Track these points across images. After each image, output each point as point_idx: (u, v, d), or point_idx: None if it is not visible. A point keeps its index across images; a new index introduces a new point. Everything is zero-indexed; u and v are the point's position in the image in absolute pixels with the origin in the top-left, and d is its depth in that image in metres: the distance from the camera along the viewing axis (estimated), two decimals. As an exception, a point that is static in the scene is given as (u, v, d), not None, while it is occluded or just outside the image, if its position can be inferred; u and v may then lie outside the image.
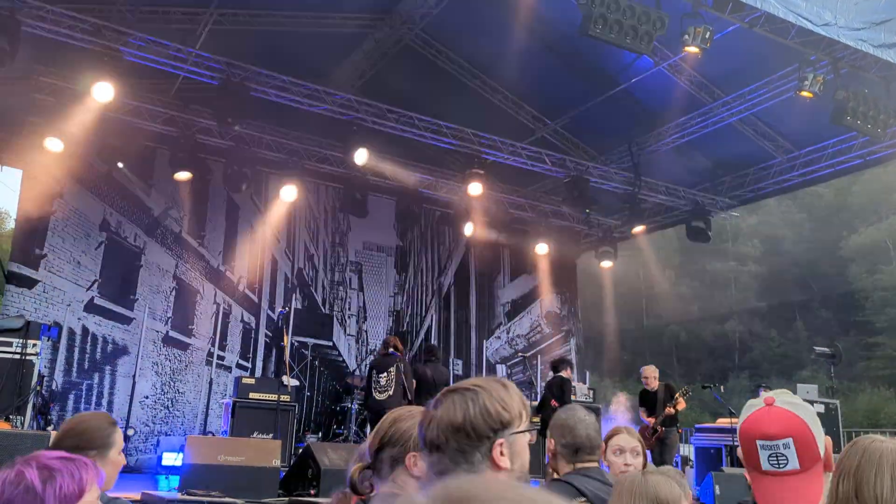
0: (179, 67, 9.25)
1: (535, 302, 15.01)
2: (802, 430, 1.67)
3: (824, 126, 9.38)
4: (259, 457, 6.15)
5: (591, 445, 2.79)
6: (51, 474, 1.75)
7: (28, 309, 10.08)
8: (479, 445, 1.61)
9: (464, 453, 1.61)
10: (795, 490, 1.67)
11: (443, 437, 1.62)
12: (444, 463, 1.63)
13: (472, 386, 1.68)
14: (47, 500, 1.72)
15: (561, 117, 11.99)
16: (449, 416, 1.63)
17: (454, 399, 1.66)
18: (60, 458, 1.82)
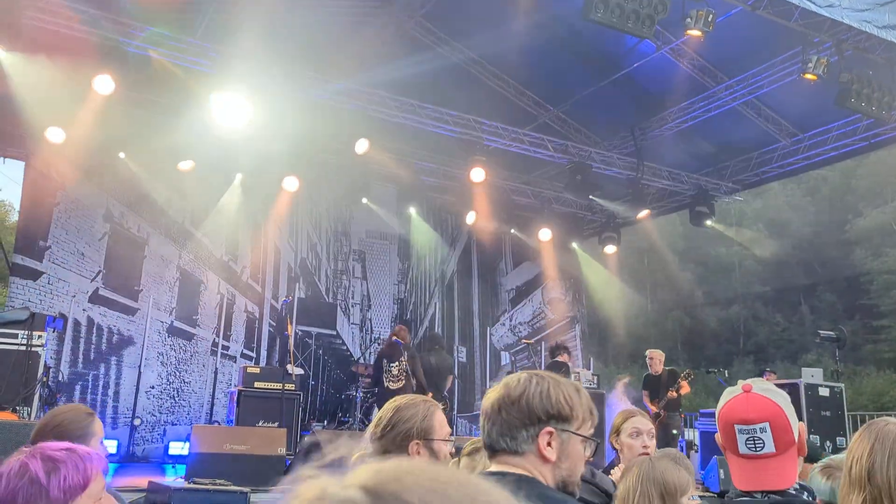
0: (179, 58, 9.22)
1: (539, 288, 15.01)
2: (779, 415, 1.73)
3: (829, 109, 9.32)
4: (265, 445, 6.18)
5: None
6: (55, 465, 1.75)
7: (33, 301, 10.12)
8: (529, 425, 1.60)
9: (511, 427, 1.61)
10: (772, 471, 1.73)
11: (496, 407, 1.63)
12: (492, 436, 1.64)
13: (546, 374, 1.69)
14: (52, 492, 1.72)
15: (563, 103, 11.93)
16: (509, 390, 1.64)
17: (521, 377, 1.67)
18: (65, 450, 1.82)
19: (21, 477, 1.74)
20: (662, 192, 13.38)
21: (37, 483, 1.73)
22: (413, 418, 2.16)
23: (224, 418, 10.80)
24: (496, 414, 1.63)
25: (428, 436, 2.15)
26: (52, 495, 1.73)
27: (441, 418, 2.27)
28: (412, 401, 2.25)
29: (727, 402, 1.82)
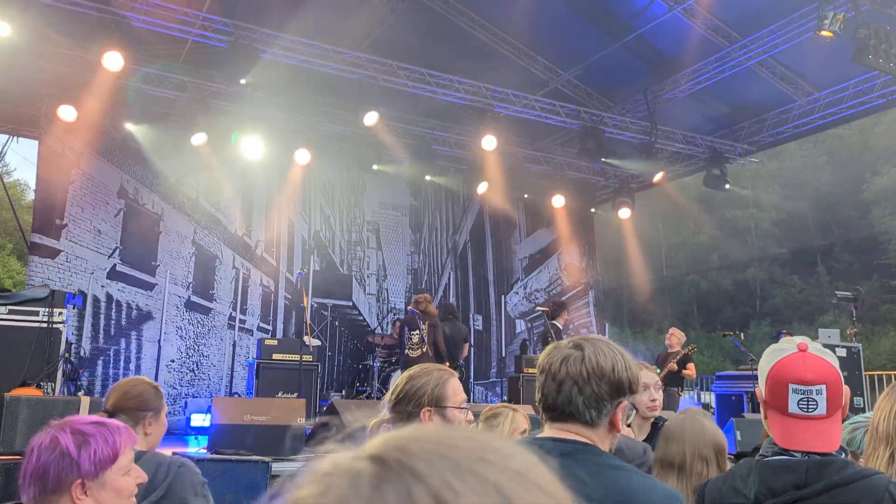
0: (188, 32, 9.18)
1: (554, 255, 14.99)
2: (835, 378, 1.74)
3: (845, 66, 9.15)
4: (284, 415, 6.25)
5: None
6: (85, 439, 1.79)
7: (52, 278, 10.24)
8: (614, 398, 1.64)
9: (599, 400, 1.63)
10: (820, 433, 1.72)
11: (586, 377, 1.63)
12: (573, 404, 1.64)
13: (614, 345, 1.70)
14: (83, 465, 1.77)
15: (574, 67, 11.78)
16: (598, 360, 1.64)
17: (599, 347, 1.66)
18: (94, 423, 1.86)
19: (52, 451, 1.77)
20: (676, 156, 13.24)
21: (68, 457, 1.76)
22: (425, 386, 2.19)
23: (244, 390, 10.95)
24: (586, 384, 1.63)
25: (440, 403, 2.16)
26: (83, 468, 1.77)
27: (455, 386, 2.26)
28: (426, 369, 2.27)
29: (780, 359, 1.77)
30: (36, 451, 1.79)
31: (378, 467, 0.48)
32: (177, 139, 11.29)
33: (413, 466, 0.47)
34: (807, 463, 1.68)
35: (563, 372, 1.64)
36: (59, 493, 1.76)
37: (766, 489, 1.69)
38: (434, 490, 0.46)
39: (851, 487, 1.59)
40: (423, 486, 0.46)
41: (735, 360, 20.44)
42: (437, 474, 0.47)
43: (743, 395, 10.22)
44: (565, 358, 1.65)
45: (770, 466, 1.74)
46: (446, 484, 0.46)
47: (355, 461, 0.49)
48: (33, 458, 1.78)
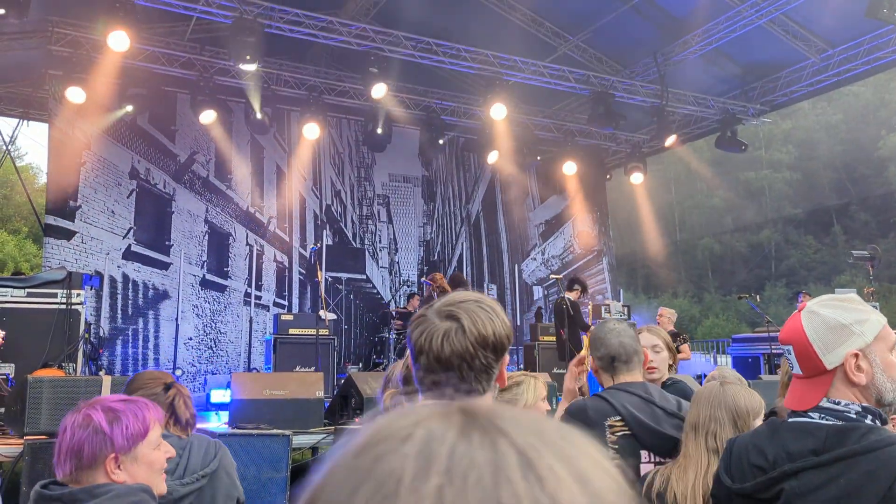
0: (191, 9, 9.12)
1: (567, 222, 14.95)
2: (801, 339, 1.70)
3: (859, 21, 8.98)
4: (303, 389, 6.31)
5: (626, 352, 2.70)
6: (116, 415, 1.87)
7: (68, 260, 10.34)
8: (497, 363, 1.58)
9: (488, 369, 1.57)
10: (795, 392, 1.73)
11: (472, 352, 1.55)
12: (470, 381, 1.58)
13: (484, 300, 1.60)
14: (116, 440, 1.83)
15: (582, 32, 11.62)
16: (482, 329, 1.55)
17: (474, 311, 1.56)
18: (123, 401, 1.93)
19: (86, 427, 1.84)
20: (688, 118, 13.10)
21: (101, 432, 1.83)
22: None
23: (262, 365, 11.07)
24: (474, 358, 1.55)
25: None
26: (116, 443, 1.84)
27: None
28: None
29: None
30: (70, 429, 1.85)
31: (467, 417, 0.49)
32: (185, 117, 11.29)
33: (501, 425, 0.48)
34: (827, 428, 1.64)
35: (446, 349, 1.51)
36: (94, 468, 1.82)
37: (785, 452, 1.67)
38: (520, 447, 0.46)
39: (871, 456, 1.55)
40: (509, 441, 0.47)
41: (751, 322, 20.40)
42: (523, 435, 0.48)
43: (759, 357, 10.22)
44: (446, 333, 1.52)
45: (791, 429, 1.71)
46: (532, 445, 0.47)
47: (446, 408, 0.50)
48: (67, 436, 1.84)
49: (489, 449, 0.46)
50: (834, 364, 1.66)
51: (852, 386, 1.66)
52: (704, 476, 2.32)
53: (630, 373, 2.71)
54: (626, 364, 2.70)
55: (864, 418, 1.64)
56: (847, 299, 1.75)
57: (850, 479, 1.55)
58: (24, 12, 7.88)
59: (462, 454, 0.45)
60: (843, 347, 1.66)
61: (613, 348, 2.71)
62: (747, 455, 1.77)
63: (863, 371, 1.65)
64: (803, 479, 1.62)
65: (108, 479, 1.83)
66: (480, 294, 1.64)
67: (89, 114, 10.57)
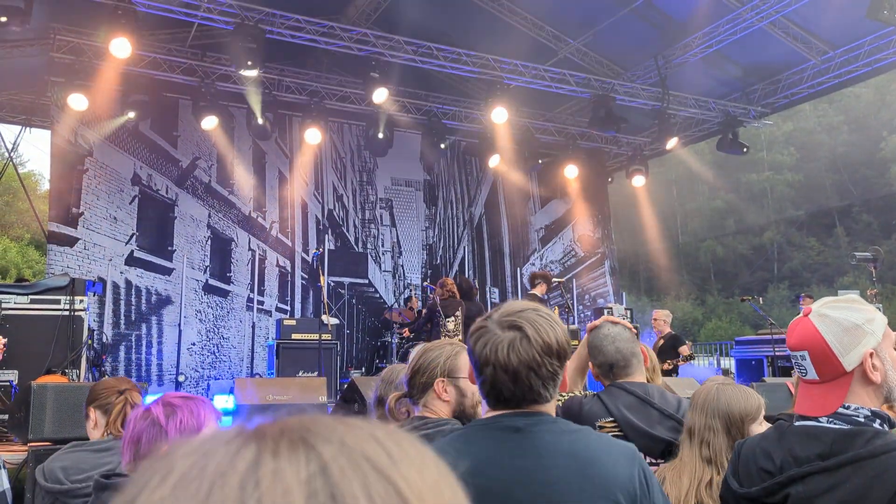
0: (193, 15, 9.15)
1: (568, 226, 14.95)
2: (818, 343, 1.68)
3: (860, 23, 8.98)
4: (306, 394, 6.31)
5: (623, 357, 2.70)
6: (173, 410, 1.99)
7: (71, 266, 10.35)
8: (561, 370, 1.61)
9: (554, 376, 1.59)
10: (812, 398, 1.71)
11: (538, 361, 1.58)
12: (539, 386, 1.59)
13: (542, 309, 1.63)
14: (169, 433, 1.95)
15: (583, 35, 11.63)
16: (543, 338, 1.58)
17: (537, 321, 1.60)
18: (182, 397, 2.07)
19: (145, 420, 1.98)
20: (689, 121, 13.10)
21: (157, 425, 1.96)
22: (438, 358, 2.22)
23: (265, 370, 11.07)
24: (540, 367, 1.58)
25: (453, 374, 2.19)
26: (170, 436, 1.95)
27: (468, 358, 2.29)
28: (439, 344, 2.31)
29: (790, 325, 1.79)
30: (132, 421, 2.01)
31: (239, 431, 0.48)
32: (187, 123, 11.32)
33: (265, 431, 0.48)
34: (834, 433, 1.63)
35: (514, 360, 1.53)
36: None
37: (792, 457, 1.66)
38: (258, 451, 0.46)
39: (877, 461, 1.54)
40: (254, 446, 0.46)
41: (754, 324, 20.36)
42: (274, 439, 0.47)
43: (763, 360, 10.20)
44: (511, 343, 1.54)
45: (798, 433, 1.71)
46: (274, 448, 0.46)
47: (234, 434, 0.49)
48: (130, 427, 2.00)
49: (230, 455, 0.46)
50: (853, 365, 1.66)
51: (868, 385, 1.66)
52: (698, 486, 2.32)
53: (630, 376, 2.70)
54: (625, 368, 2.71)
55: (873, 422, 1.64)
56: (850, 300, 1.75)
57: (857, 484, 1.55)
58: (27, 20, 7.91)
59: (199, 463, 0.46)
60: (859, 347, 1.66)
61: (610, 355, 2.71)
62: (755, 459, 1.76)
63: (877, 370, 1.66)
64: (810, 484, 1.61)
65: None
66: (534, 303, 1.67)
67: (91, 120, 10.60)
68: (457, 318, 8.54)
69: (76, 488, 2.60)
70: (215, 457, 0.46)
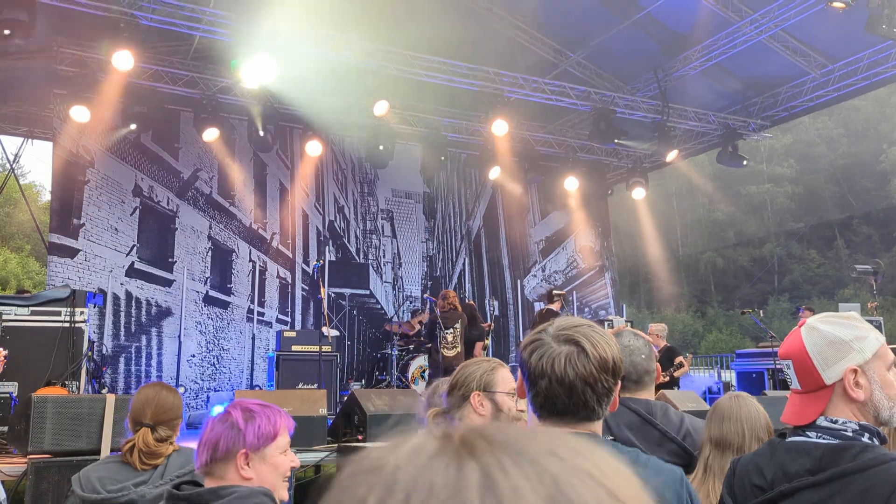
0: (195, 28, 9.20)
1: (569, 238, 14.96)
2: (798, 352, 1.72)
3: (859, 37, 9.02)
4: (305, 406, 6.30)
5: (637, 373, 2.64)
6: (251, 415, 2.06)
7: (72, 278, 10.35)
8: (615, 387, 1.58)
9: (609, 392, 1.56)
10: (793, 406, 1.75)
11: (595, 376, 1.55)
12: (593, 402, 1.57)
13: (595, 326, 1.62)
14: (248, 437, 2.02)
15: (583, 48, 11.69)
16: (600, 354, 1.56)
17: (594, 337, 1.58)
18: (259, 404, 2.14)
19: (224, 422, 2.04)
20: (689, 134, 13.14)
21: (236, 428, 2.02)
22: (475, 373, 2.29)
23: (264, 382, 11.05)
24: (597, 382, 1.56)
25: (489, 388, 2.25)
26: (248, 440, 2.01)
27: (505, 375, 2.34)
28: (478, 360, 2.42)
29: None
30: (211, 423, 2.07)
31: (442, 442, 0.51)
32: (188, 135, 11.35)
33: (473, 445, 0.50)
34: (823, 447, 1.64)
35: (570, 373, 1.51)
36: (227, 461, 2.01)
37: (782, 472, 1.68)
38: (485, 468, 0.47)
39: (866, 475, 1.55)
40: (477, 463, 0.48)
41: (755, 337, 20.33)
42: (494, 455, 0.48)
43: (763, 372, 10.19)
44: (568, 357, 1.52)
45: (788, 448, 1.72)
46: (501, 465, 0.48)
47: (425, 436, 0.52)
48: (208, 429, 2.05)
49: (453, 472, 0.47)
50: (833, 379, 1.67)
51: (851, 402, 1.67)
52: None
53: (639, 392, 2.67)
54: (636, 384, 2.65)
55: (861, 436, 1.65)
56: (848, 316, 1.76)
57: (846, 498, 1.55)
58: (31, 32, 7.95)
59: (423, 482, 0.47)
60: (842, 363, 1.67)
61: (624, 368, 2.66)
62: (748, 475, 1.78)
63: (861, 387, 1.66)
64: (799, 499, 1.63)
65: (237, 473, 2.00)
66: (586, 320, 1.66)
67: (93, 132, 10.63)
68: (456, 331, 8.54)
69: (111, 497, 2.65)
70: (435, 472, 0.48)
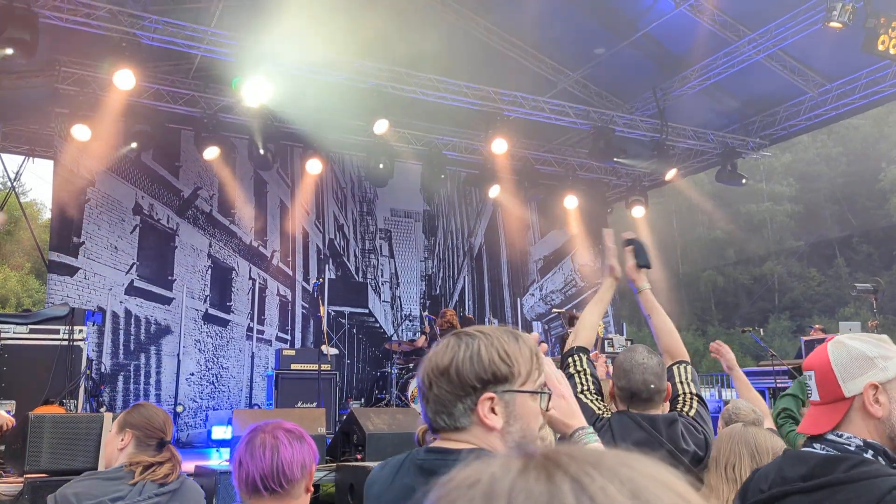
0: (196, 47, 9.26)
1: (568, 256, 14.96)
2: (824, 365, 1.76)
3: (856, 56, 9.07)
4: (305, 425, 6.26)
5: (648, 391, 2.62)
6: (298, 436, 2.27)
7: (71, 296, 10.34)
8: (462, 396, 1.41)
9: (443, 403, 1.42)
10: (811, 417, 1.79)
11: (427, 382, 1.45)
12: (428, 416, 1.46)
13: (475, 331, 1.47)
14: (284, 458, 2.18)
15: (582, 67, 11.76)
16: (437, 359, 1.44)
17: (450, 342, 1.46)
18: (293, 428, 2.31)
19: (264, 443, 2.18)
20: (688, 152, 13.18)
21: (275, 450, 2.19)
22: None
23: (263, 401, 10.99)
24: (428, 390, 1.44)
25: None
26: (285, 461, 2.18)
27: None
28: None
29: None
30: (250, 444, 2.21)
31: (526, 459, 0.56)
32: (189, 153, 11.39)
33: (557, 460, 0.55)
34: (820, 457, 1.68)
35: (425, 383, 1.46)
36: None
37: (780, 478, 1.73)
38: (573, 475, 0.53)
39: (852, 486, 1.56)
40: (563, 472, 0.53)
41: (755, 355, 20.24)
42: (577, 466, 0.54)
43: (765, 391, 10.12)
44: (427, 364, 1.46)
45: (790, 456, 1.79)
46: (586, 473, 0.53)
47: (509, 457, 0.58)
48: (248, 446, 2.20)
49: (545, 481, 0.53)
50: (852, 392, 1.70)
51: (868, 418, 1.69)
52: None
53: (647, 409, 2.65)
54: (646, 402, 2.64)
55: (864, 452, 1.66)
56: (878, 337, 1.81)
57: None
58: (33, 52, 8.00)
59: (520, 488, 0.53)
60: (863, 377, 1.70)
61: (635, 384, 2.64)
62: (758, 481, 1.83)
63: (881, 404, 1.68)
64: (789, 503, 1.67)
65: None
66: (492, 327, 1.63)
67: (94, 151, 10.66)
68: None
69: None
70: (529, 482, 0.54)
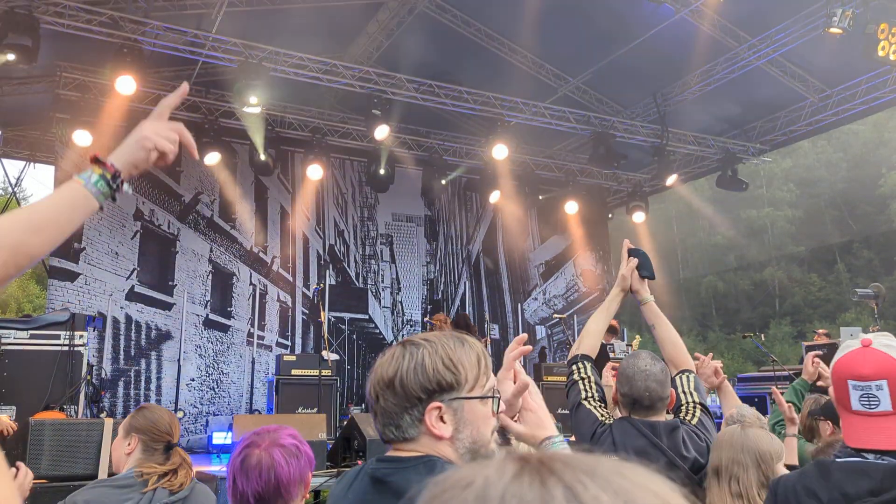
0: (198, 53, 9.28)
1: (570, 261, 14.96)
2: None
3: (856, 62, 9.09)
4: (305, 431, 6.26)
5: (650, 398, 2.61)
6: (297, 450, 2.18)
7: (72, 301, 10.34)
8: (409, 407, 1.39)
9: (390, 415, 1.41)
10: (883, 430, 1.64)
11: (374, 394, 1.43)
12: (378, 428, 1.45)
13: (421, 339, 1.45)
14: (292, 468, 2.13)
15: (582, 73, 11.77)
16: (382, 370, 1.42)
17: (394, 352, 1.44)
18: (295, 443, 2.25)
19: (262, 456, 2.12)
20: (689, 158, 13.19)
21: (289, 458, 2.14)
22: None
23: (264, 406, 10.98)
24: (375, 403, 1.43)
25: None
26: (290, 471, 2.12)
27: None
28: None
29: (842, 355, 1.73)
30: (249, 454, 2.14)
31: (521, 464, 0.56)
32: (190, 159, 11.40)
33: (551, 466, 0.55)
34: (883, 468, 1.59)
35: (372, 396, 1.45)
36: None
37: (841, 494, 1.62)
38: (567, 483, 0.53)
39: None
40: (557, 479, 0.54)
41: (756, 361, 20.23)
42: (572, 473, 0.54)
43: (766, 397, 10.11)
44: (373, 377, 1.46)
45: (844, 469, 1.66)
46: (580, 481, 0.53)
47: (503, 458, 0.58)
48: (244, 451, 2.15)
49: (538, 487, 0.53)
50: None
51: None
52: None
53: (649, 416, 2.65)
54: (648, 409, 2.64)
55: None
56: (889, 336, 1.76)
57: None
58: (34, 58, 8.02)
59: (513, 493, 0.53)
60: None
61: (638, 391, 2.64)
62: (797, 497, 1.72)
63: None
64: None
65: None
66: (445, 333, 1.60)
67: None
68: None
69: None
70: (522, 487, 0.53)
